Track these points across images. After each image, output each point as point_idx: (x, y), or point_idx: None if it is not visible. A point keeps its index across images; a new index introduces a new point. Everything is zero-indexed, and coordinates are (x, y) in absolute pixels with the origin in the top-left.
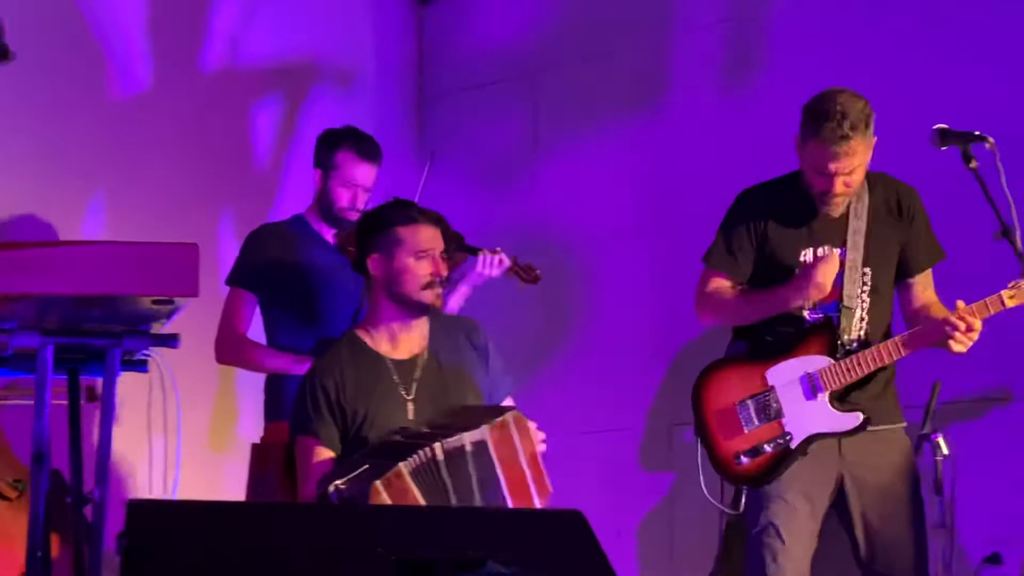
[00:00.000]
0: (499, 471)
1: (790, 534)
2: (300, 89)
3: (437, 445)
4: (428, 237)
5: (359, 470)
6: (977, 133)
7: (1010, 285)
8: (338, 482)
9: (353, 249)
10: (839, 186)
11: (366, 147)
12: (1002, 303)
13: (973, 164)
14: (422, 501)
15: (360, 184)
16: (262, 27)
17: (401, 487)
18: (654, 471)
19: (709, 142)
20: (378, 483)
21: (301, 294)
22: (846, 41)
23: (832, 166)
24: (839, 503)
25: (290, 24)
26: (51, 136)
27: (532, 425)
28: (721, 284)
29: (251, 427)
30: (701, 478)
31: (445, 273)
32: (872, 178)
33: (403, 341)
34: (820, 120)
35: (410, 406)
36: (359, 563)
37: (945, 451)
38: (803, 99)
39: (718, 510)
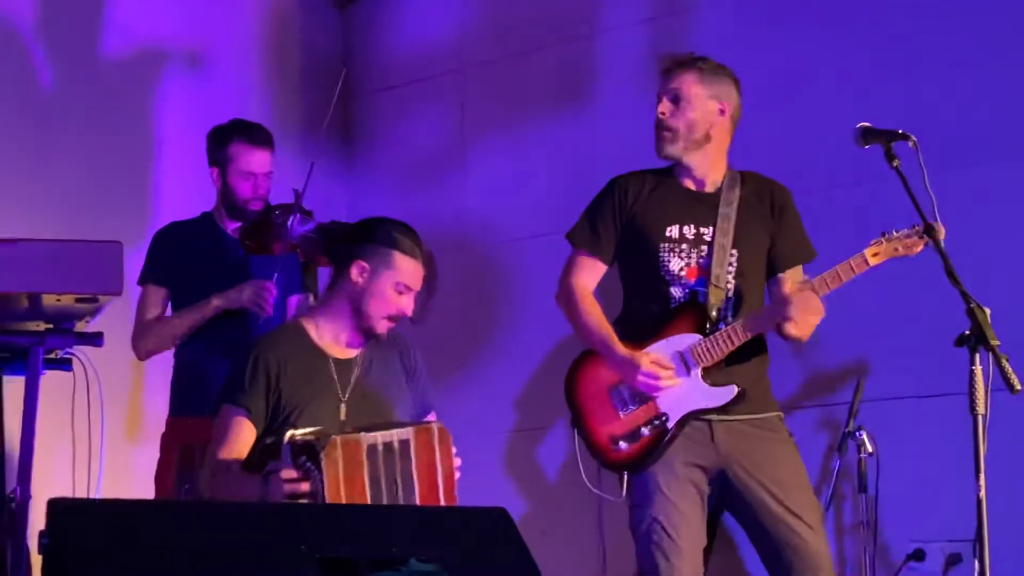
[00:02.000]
0: (415, 475)
1: (676, 529)
2: (220, 86)
3: (378, 434)
4: (416, 276)
5: (319, 428)
6: (900, 131)
7: (872, 243)
8: (295, 432)
9: (252, 244)
10: (662, 107)
11: (257, 135)
12: (866, 262)
13: (896, 162)
14: (367, 481)
15: (258, 172)
16: (179, 22)
17: (356, 456)
18: (581, 469)
19: (634, 140)
20: (338, 438)
21: (209, 291)
22: (768, 39)
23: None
24: (726, 497)
25: (208, 18)
26: None
27: (453, 450)
28: (584, 278)
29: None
30: (580, 468)
31: (410, 313)
32: (745, 174)
33: (345, 342)
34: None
35: (343, 407)
36: (283, 561)
37: (869, 448)
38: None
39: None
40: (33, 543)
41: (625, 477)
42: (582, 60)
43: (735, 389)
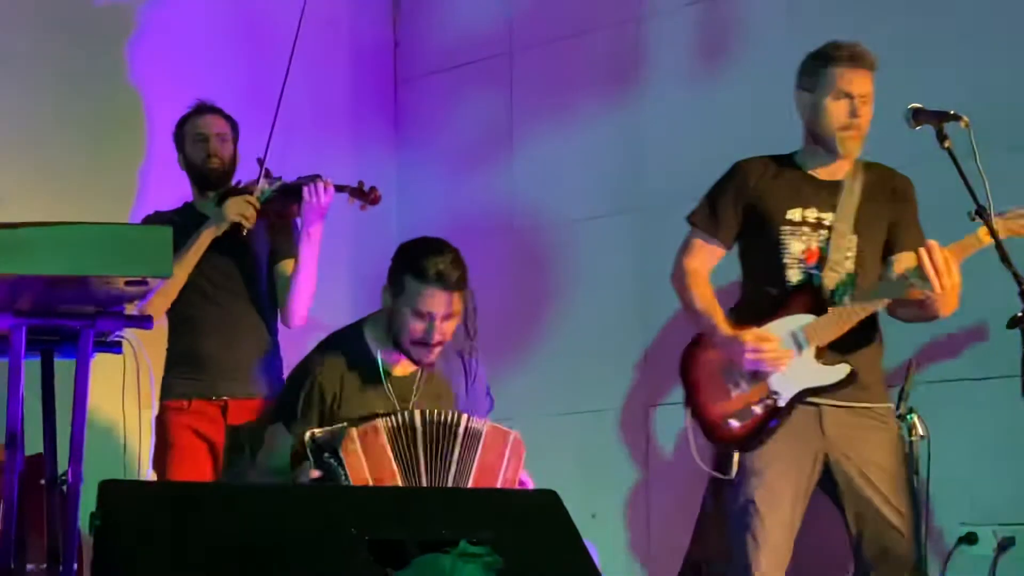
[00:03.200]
0: (475, 467)
1: (770, 513)
2: (272, 72)
3: (417, 412)
4: (435, 302)
5: (338, 425)
6: (951, 112)
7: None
8: (315, 430)
9: None
10: (862, 114)
11: (201, 105)
12: (979, 241)
13: (947, 143)
14: (394, 464)
15: (209, 132)
16: (229, 4)
17: (376, 442)
18: (630, 452)
19: (682, 123)
20: (353, 430)
21: (194, 274)
22: (816, 22)
23: (853, 80)
24: (828, 483)
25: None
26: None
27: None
28: (698, 260)
29: None
30: (692, 447)
31: (443, 339)
32: (869, 164)
33: (403, 358)
34: (832, 51)
35: (395, 418)
36: (333, 544)
37: (921, 431)
38: (772, 79)
39: (696, 492)
40: (85, 524)
41: (735, 456)
42: (630, 43)
43: (847, 368)
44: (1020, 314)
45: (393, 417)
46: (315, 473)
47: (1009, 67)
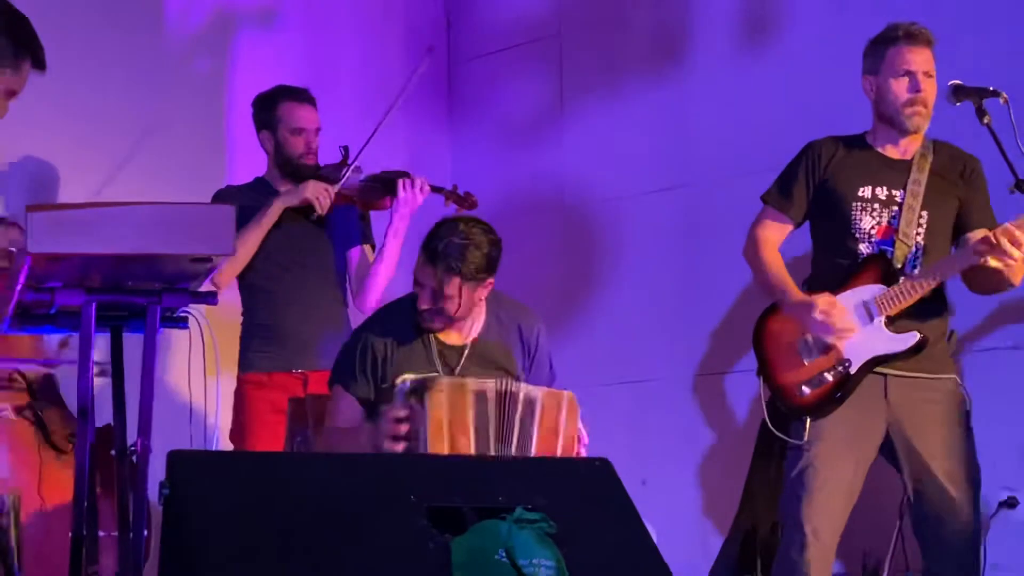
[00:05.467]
0: (535, 434)
1: (830, 476)
2: (329, 51)
3: (491, 380)
4: (424, 275)
5: (431, 374)
6: (991, 88)
7: None
8: (408, 375)
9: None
10: (927, 89)
11: (303, 93)
12: None
13: (987, 119)
14: (471, 424)
15: (308, 127)
16: None
17: (461, 399)
18: (679, 421)
19: (729, 100)
20: (444, 380)
21: (266, 249)
22: (870, 7)
23: (912, 58)
24: (889, 451)
25: None
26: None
27: (581, 426)
28: (770, 233)
29: None
30: (764, 413)
31: (443, 313)
32: (939, 143)
33: (458, 325)
34: (890, 32)
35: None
36: (393, 511)
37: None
38: (818, 59)
39: (743, 458)
40: (154, 493)
41: (807, 423)
42: (677, 22)
43: (917, 335)
44: None
45: (476, 380)
46: (401, 412)
47: None
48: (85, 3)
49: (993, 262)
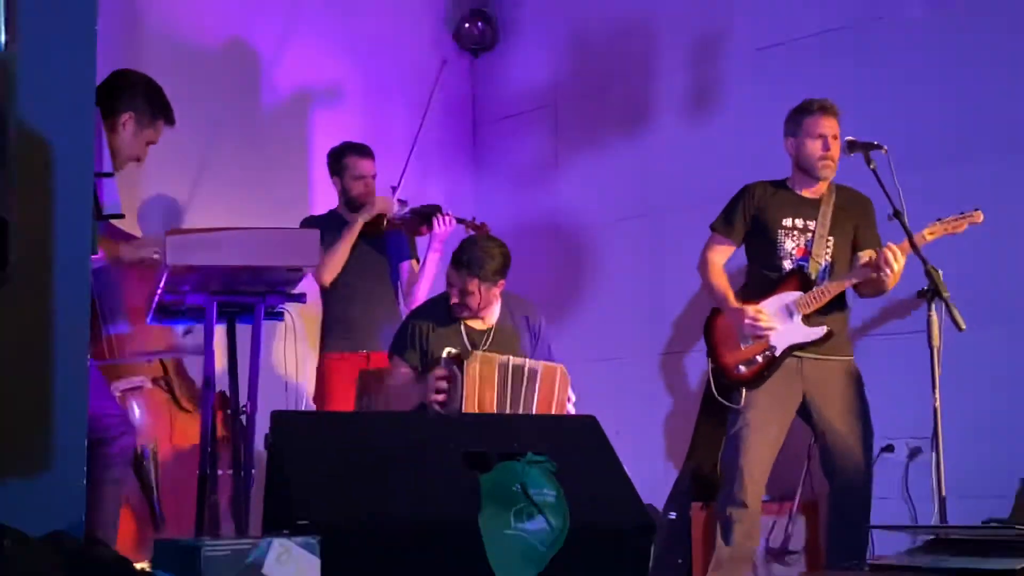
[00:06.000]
0: (536, 396)
1: (760, 432)
2: (380, 114)
3: (507, 357)
4: (453, 278)
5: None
6: (875, 143)
7: (929, 225)
8: (451, 348)
9: (370, 227)
10: (833, 148)
11: (362, 148)
12: (924, 238)
13: (872, 165)
14: (495, 385)
15: (367, 174)
16: (355, 64)
17: (488, 367)
18: (646, 388)
19: (681, 153)
20: (479, 353)
21: (351, 270)
22: (782, 84)
23: (824, 124)
24: (804, 413)
25: (377, 67)
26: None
27: (571, 391)
28: (716, 255)
29: None
30: (711, 385)
31: (468, 306)
32: (840, 186)
33: (481, 314)
34: (807, 105)
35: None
36: (437, 455)
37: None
38: (748, 122)
39: (692, 416)
40: (259, 443)
41: (743, 392)
42: (642, 95)
43: (825, 328)
44: (926, 288)
45: (497, 356)
46: (441, 372)
47: (925, 101)
48: (204, 78)
49: (877, 274)
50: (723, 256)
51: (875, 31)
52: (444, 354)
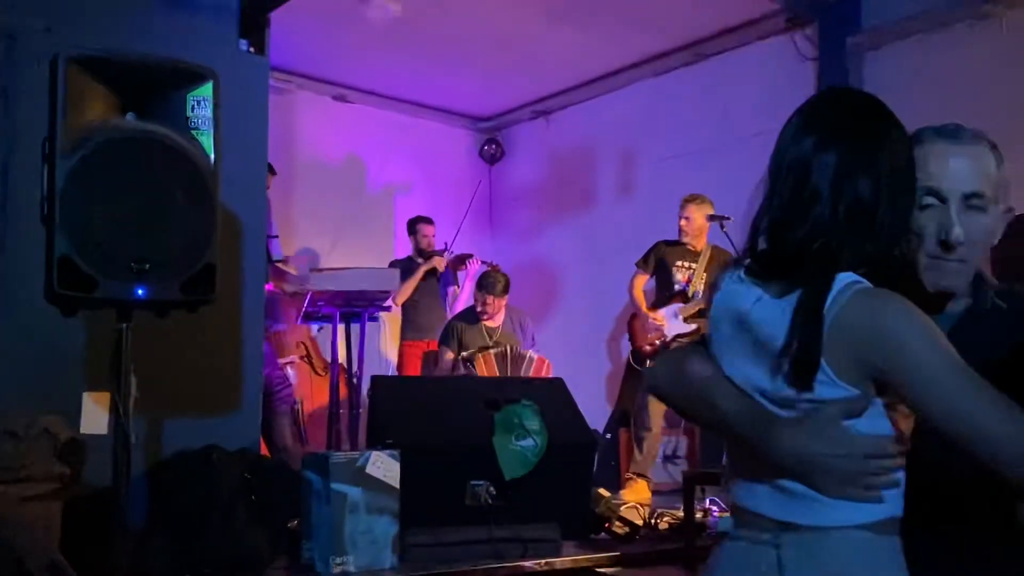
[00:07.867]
0: (530, 375)
1: None
2: (437, 198)
3: (508, 347)
4: (481, 297)
5: (480, 347)
6: (726, 215)
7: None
8: (464, 354)
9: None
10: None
11: (427, 218)
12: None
13: (724, 230)
14: (496, 369)
15: (430, 235)
16: (422, 169)
17: (491, 359)
18: (594, 359)
19: (617, 221)
20: (480, 355)
21: (419, 292)
22: (677, 181)
23: (693, 211)
24: None
25: (434, 170)
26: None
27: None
28: (638, 281)
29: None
30: (629, 358)
31: (491, 315)
32: (713, 244)
33: (495, 319)
34: (686, 197)
35: (493, 349)
36: (469, 402)
37: None
38: (654, 203)
39: (619, 377)
40: (365, 395)
41: (648, 362)
42: (589, 183)
43: (696, 325)
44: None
45: (500, 348)
46: (459, 366)
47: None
48: (333, 178)
49: None
50: (641, 282)
51: (730, 149)
52: (466, 352)
